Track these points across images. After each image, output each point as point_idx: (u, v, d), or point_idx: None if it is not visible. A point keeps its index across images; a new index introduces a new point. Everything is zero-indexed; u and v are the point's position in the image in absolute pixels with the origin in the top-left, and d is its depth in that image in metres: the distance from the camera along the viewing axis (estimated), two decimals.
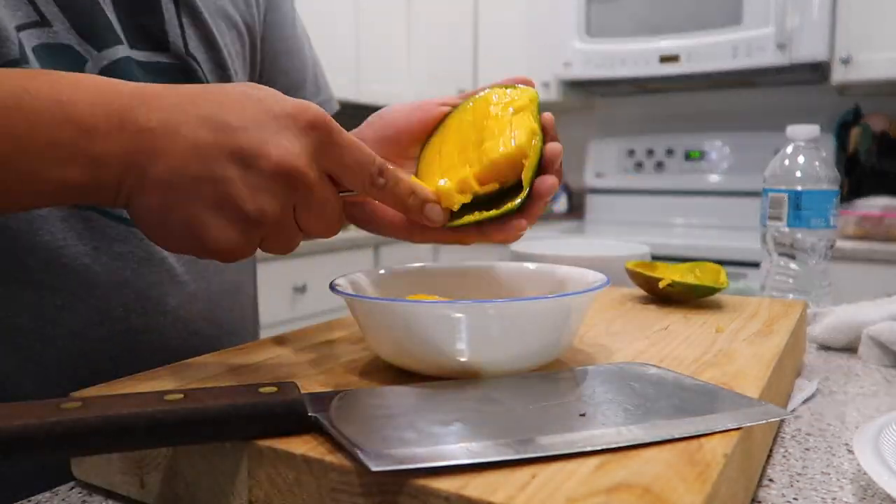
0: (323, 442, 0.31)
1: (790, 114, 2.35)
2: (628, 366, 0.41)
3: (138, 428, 0.29)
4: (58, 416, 0.28)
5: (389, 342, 0.40)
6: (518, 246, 0.91)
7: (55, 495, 0.37)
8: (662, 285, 0.61)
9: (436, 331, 0.37)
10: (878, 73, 2.01)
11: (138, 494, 0.36)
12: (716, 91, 2.54)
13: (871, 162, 2.14)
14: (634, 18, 2.32)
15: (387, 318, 0.39)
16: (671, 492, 0.26)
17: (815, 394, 0.55)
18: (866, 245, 1.84)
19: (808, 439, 0.46)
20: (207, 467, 0.33)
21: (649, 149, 2.58)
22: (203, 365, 0.43)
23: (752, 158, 2.36)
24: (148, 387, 0.39)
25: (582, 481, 0.27)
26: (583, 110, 2.80)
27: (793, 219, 0.79)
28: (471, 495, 0.26)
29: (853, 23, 2.02)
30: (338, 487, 0.29)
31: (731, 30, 2.15)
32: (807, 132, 0.80)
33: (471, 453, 0.28)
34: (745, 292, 0.77)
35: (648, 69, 2.29)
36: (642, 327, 0.52)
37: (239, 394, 0.32)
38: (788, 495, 0.37)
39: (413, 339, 0.38)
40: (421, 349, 0.38)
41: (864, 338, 0.67)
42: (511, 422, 0.32)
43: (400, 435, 0.30)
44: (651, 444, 0.30)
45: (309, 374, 0.41)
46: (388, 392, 0.36)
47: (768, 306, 0.60)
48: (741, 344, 0.47)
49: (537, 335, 0.39)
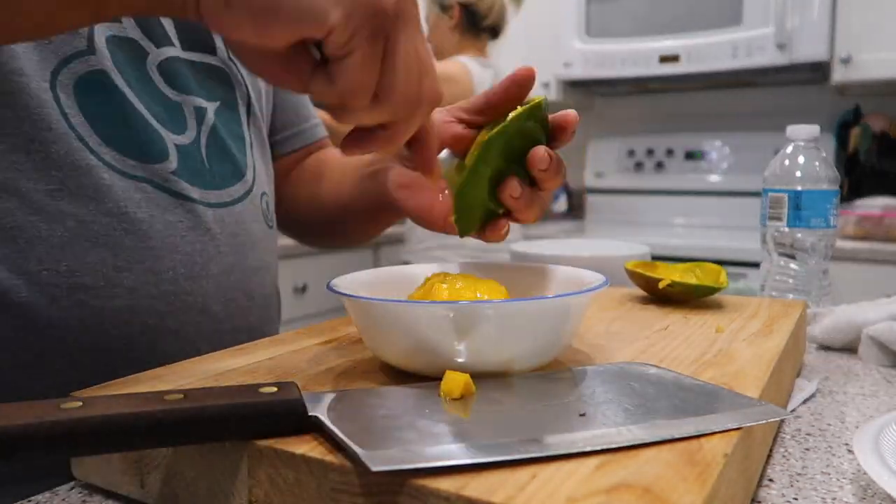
0: (323, 442, 0.31)
1: (790, 114, 2.35)
2: (628, 366, 0.41)
3: (138, 428, 0.29)
4: (58, 416, 0.28)
5: (387, 342, 0.40)
6: (518, 246, 0.91)
7: (55, 495, 0.37)
8: (662, 286, 0.61)
9: (433, 331, 0.37)
10: (878, 73, 2.01)
11: (138, 494, 0.36)
12: (716, 91, 2.54)
13: (871, 162, 2.15)
14: (634, 18, 2.32)
15: (384, 319, 0.39)
16: (671, 492, 0.26)
17: (815, 394, 0.55)
18: (866, 245, 1.84)
19: (808, 439, 0.46)
20: (207, 467, 0.33)
21: (649, 149, 2.58)
22: (203, 364, 0.43)
23: (752, 158, 2.36)
24: (148, 387, 0.39)
25: (582, 481, 0.27)
26: (583, 110, 2.79)
27: (793, 219, 0.79)
28: (471, 495, 0.26)
29: (853, 23, 2.02)
30: (338, 487, 0.29)
31: (730, 30, 2.15)
32: (807, 132, 0.80)
33: (471, 453, 0.28)
34: (745, 292, 0.77)
35: (648, 69, 2.29)
36: (642, 327, 0.52)
37: (239, 394, 0.32)
38: (788, 495, 0.37)
39: (410, 339, 0.38)
40: (418, 350, 0.38)
41: (864, 338, 0.67)
42: (511, 422, 0.32)
43: (400, 435, 0.30)
44: (651, 444, 0.30)
45: (309, 374, 0.41)
46: (388, 392, 0.36)
47: (768, 306, 0.60)
48: (741, 344, 0.47)
49: (535, 335, 0.39)
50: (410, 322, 0.38)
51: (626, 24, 2.33)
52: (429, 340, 0.37)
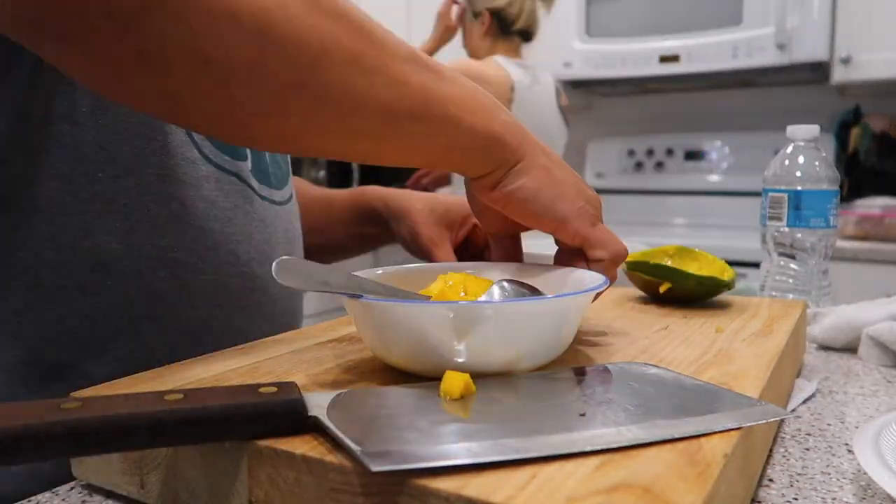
0: (323, 442, 0.31)
1: (790, 114, 2.35)
2: (628, 366, 0.41)
3: (138, 428, 0.29)
4: (58, 416, 0.28)
5: (385, 342, 0.40)
6: None
7: (55, 495, 0.37)
8: (663, 289, 0.61)
9: (431, 332, 0.37)
10: (878, 73, 2.01)
11: (138, 494, 0.36)
12: (716, 91, 2.54)
13: (871, 162, 2.15)
14: (634, 18, 2.32)
15: (381, 318, 0.39)
16: (671, 492, 0.26)
17: (815, 394, 0.55)
18: (866, 245, 1.84)
19: (808, 439, 0.46)
20: (207, 467, 0.33)
21: (649, 149, 2.58)
22: (203, 364, 0.43)
23: (752, 158, 2.36)
24: (148, 387, 0.39)
25: (582, 481, 0.27)
26: (583, 110, 2.80)
27: (793, 219, 0.79)
28: (471, 495, 0.26)
29: (853, 23, 2.02)
30: (338, 487, 0.29)
31: (731, 30, 2.15)
32: (807, 132, 0.80)
33: (471, 453, 0.28)
34: (745, 292, 0.77)
35: (648, 69, 2.29)
36: (642, 327, 0.52)
37: (239, 394, 0.32)
38: (788, 495, 0.37)
39: (408, 339, 0.38)
40: (417, 350, 0.38)
41: (864, 338, 0.67)
42: (511, 422, 0.32)
43: (400, 435, 0.30)
44: (651, 444, 0.30)
45: (309, 374, 0.41)
46: (388, 392, 0.36)
47: (768, 306, 0.60)
48: (741, 344, 0.47)
49: (534, 336, 0.39)
50: (409, 322, 0.38)
51: (627, 24, 2.33)
52: (427, 341, 0.37)
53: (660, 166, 2.56)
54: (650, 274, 0.62)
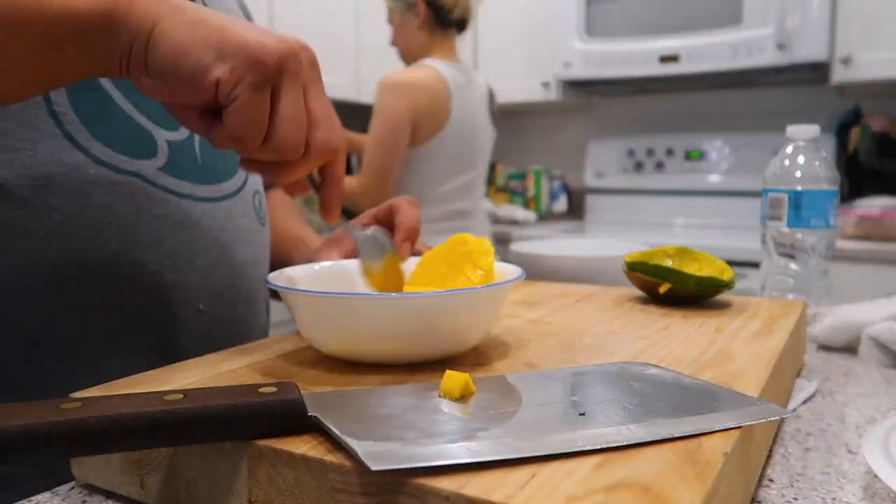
0: (323, 442, 0.31)
1: (790, 114, 2.35)
2: (628, 365, 0.41)
3: (138, 428, 0.29)
4: (58, 416, 0.28)
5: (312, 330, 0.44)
6: (518, 246, 0.91)
7: (55, 495, 0.37)
8: (663, 290, 0.61)
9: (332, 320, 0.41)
10: (878, 73, 2.01)
11: (138, 494, 0.36)
12: (715, 91, 2.54)
13: (871, 162, 2.15)
14: (634, 18, 2.32)
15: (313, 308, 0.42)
16: (671, 490, 0.26)
17: (815, 394, 0.55)
18: (866, 245, 1.84)
19: (808, 439, 0.46)
20: (207, 467, 0.33)
21: (649, 149, 2.58)
22: (203, 364, 0.43)
23: (752, 158, 2.36)
24: (148, 387, 0.39)
25: (581, 480, 0.27)
26: (582, 110, 2.80)
27: (793, 219, 0.79)
28: (470, 494, 0.26)
29: (853, 23, 2.02)
30: (338, 487, 0.29)
31: (730, 30, 2.15)
32: (807, 132, 0.80)
33: (470, 452, 0.28)
34: (745, 292, 0.77)
35: (648, 69, 2.29)
36: (642, 327, 0.52)
37: (239, 394, 0.32)
38: (788, 495, 0.37)
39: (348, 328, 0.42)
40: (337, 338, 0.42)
41: (864, 338, 0.67)
42: (510, 421, 0.32)
43: (399, 434, 0.30)
44: (651, 443, 0.30)
45: (309, 374, 0.41)
46: (388, 392, 0.36)
47: (768, 306, 0.60)
48: (741, 344, 0.47)
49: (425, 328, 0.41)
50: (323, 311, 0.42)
51: (626, 24, 2.33)
52: (336, 329, 0.42)
53: (660, 166, 2.56)
54: (650, 274, 0.62)
